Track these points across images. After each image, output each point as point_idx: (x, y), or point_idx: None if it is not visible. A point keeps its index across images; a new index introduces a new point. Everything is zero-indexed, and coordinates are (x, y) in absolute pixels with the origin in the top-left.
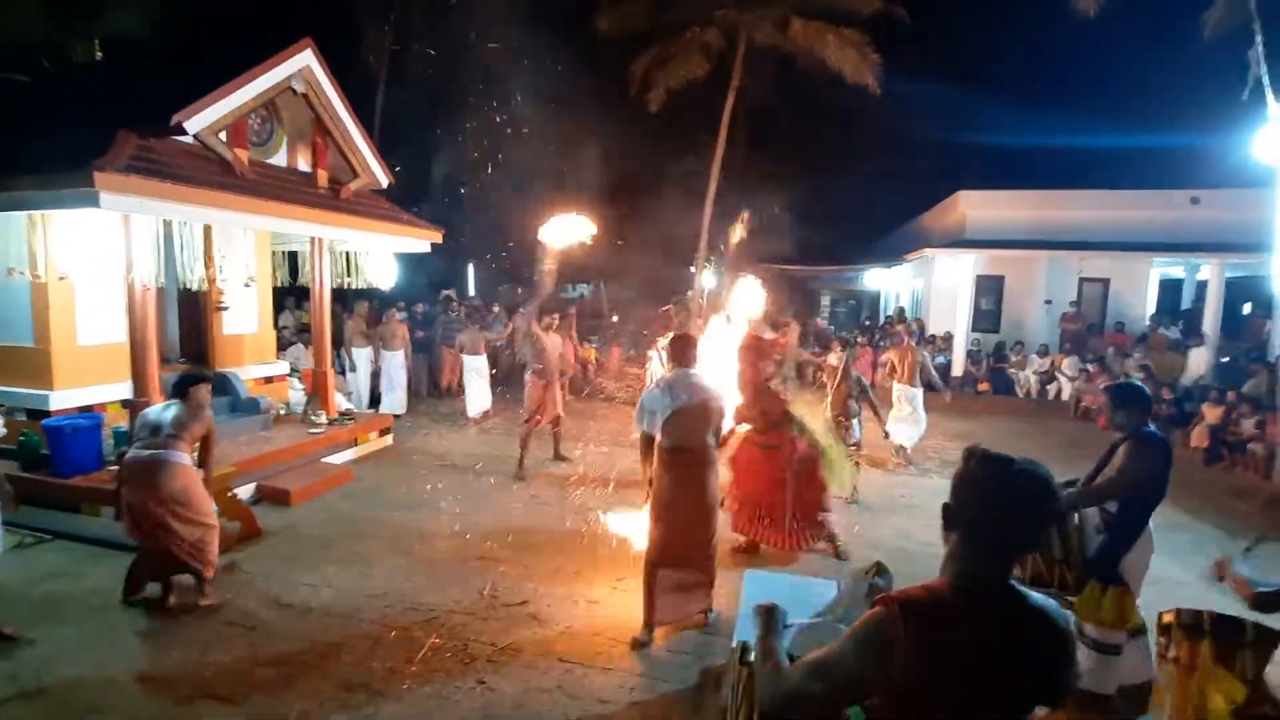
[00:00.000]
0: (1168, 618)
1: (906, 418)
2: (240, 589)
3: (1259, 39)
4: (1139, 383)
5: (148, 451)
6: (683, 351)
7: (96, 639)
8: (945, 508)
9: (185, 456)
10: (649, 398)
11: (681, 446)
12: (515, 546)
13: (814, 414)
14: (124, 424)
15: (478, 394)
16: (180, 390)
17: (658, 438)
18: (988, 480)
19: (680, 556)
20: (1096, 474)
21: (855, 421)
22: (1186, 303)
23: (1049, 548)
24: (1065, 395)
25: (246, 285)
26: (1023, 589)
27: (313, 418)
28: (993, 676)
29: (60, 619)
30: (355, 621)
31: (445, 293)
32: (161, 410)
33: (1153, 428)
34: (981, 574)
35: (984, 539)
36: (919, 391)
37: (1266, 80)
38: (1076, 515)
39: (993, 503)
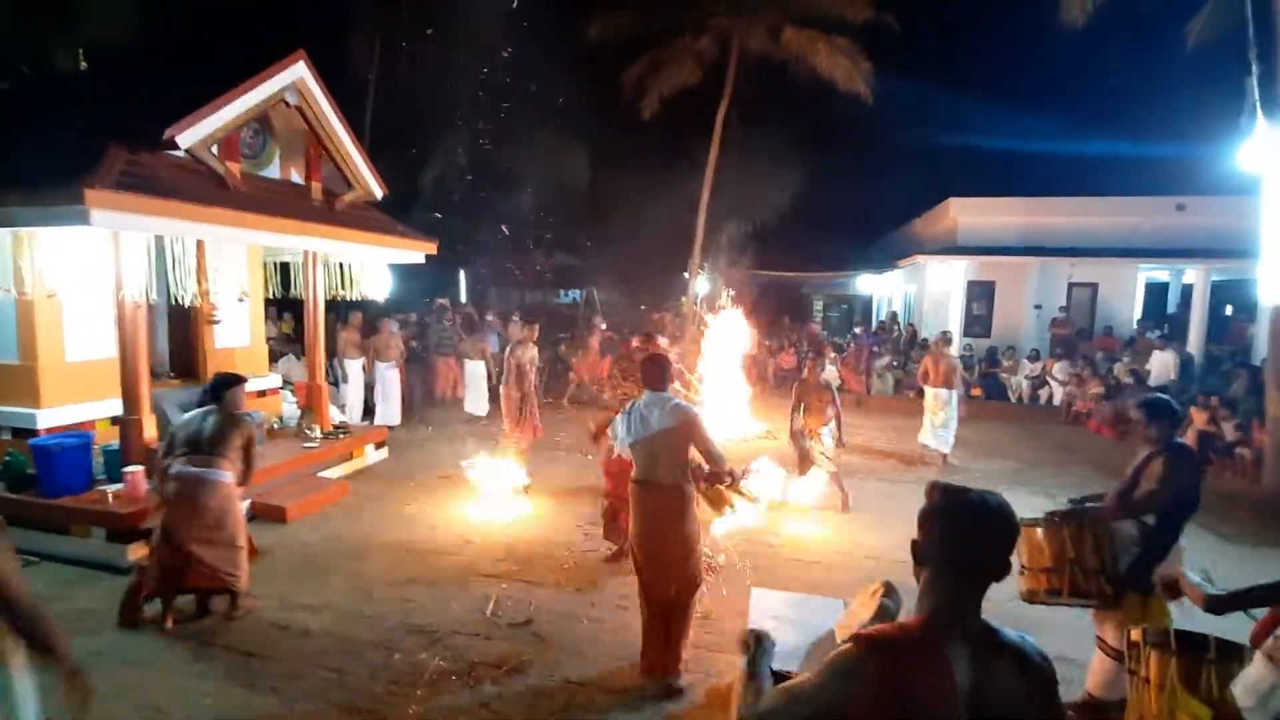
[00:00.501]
0: (1135, 635)
1: (941, 425)
2: (236, 612)
3: (1254, 67)
4: (1167, 396)
5: (191, 470)
6: (653, 373)
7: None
8: (914, 545)
9: (228, 474)
10: (617, 422)
11: (647, 481)
12: (515, 562)
13: None
14: (114, 442)
15: (477, 397)
16: (215, 394)
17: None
18: (955, 512)
19: (660, 600)
20: (1130, 488)
21: (827, 429)
22: (1172, 306)
23: (1085, 559)
24: (1057, 400)
25: (240, 300)
26: (996, 625)
27: (307, 431)
28: (971, 716)
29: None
30: (357, 644)
31: (439, 301)
32: (200, 420)
33: (1180, 440)
34: (957, 609)
35: (956, 569)
36: (953, 394)
37: (1257, 95)
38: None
39: (962, 533)
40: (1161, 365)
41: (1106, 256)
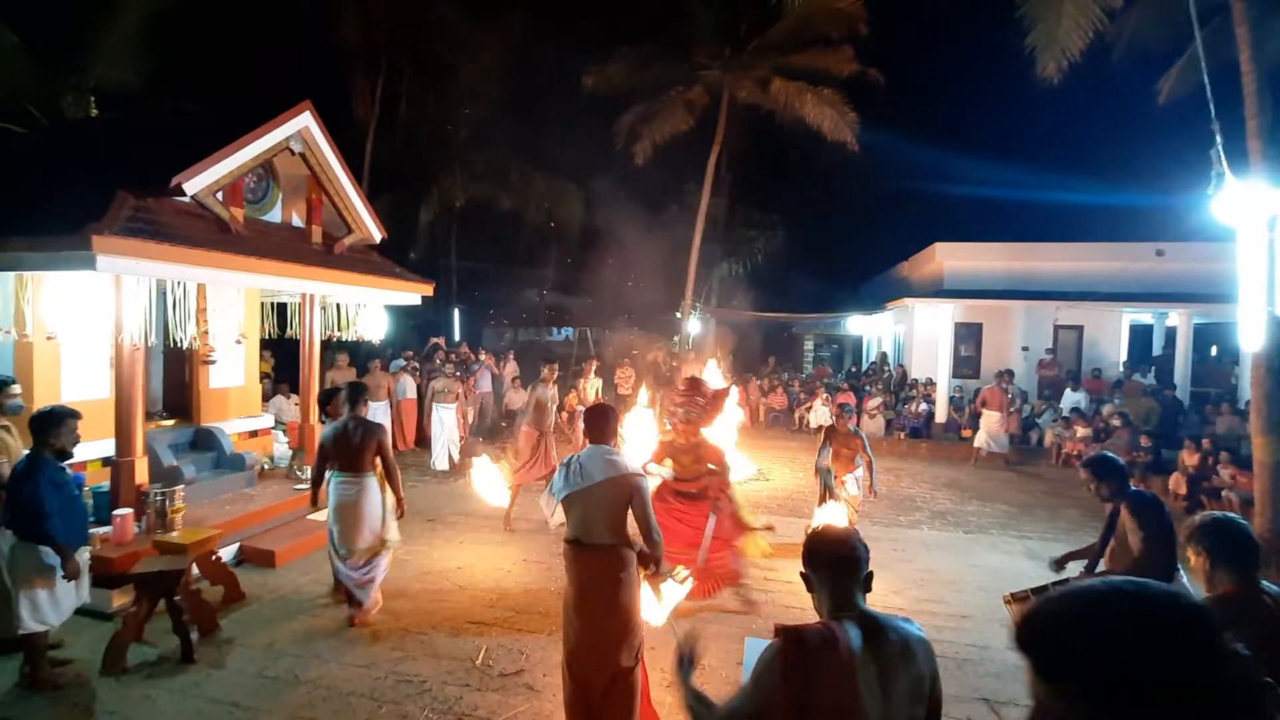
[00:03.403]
0: None
1: (995, 435)
2: (222, 660)
3: (1218, 140)
4: (1111, 454)
5: (353, 483)
6: (596, 424)
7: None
8: (804, 576)
9: (374, 477)
10: (555, 477)
11: (579, 541)
12: (506, 609)
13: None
14: (105, 483)
15: (441, 451)
16: (354, 399)
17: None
18: (826, 544)
19: (588, 683)
20: (1104, 545)
21: (851, 478)
22: (1157, 349)
23: None
24: (1046, 442)
25: (238, 342)
26: (884, 617)
27: (298, 473)
28: (867, 676)
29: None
30: (345, 695)
31: (433, 340)
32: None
33: (1137, 487)
34: (839, 603)
35: (837, 581)
36: (1005, 416)
37: (1220, 153)
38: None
39: (832, 557)
40: (1070, 404)
41: (1089, 300)
